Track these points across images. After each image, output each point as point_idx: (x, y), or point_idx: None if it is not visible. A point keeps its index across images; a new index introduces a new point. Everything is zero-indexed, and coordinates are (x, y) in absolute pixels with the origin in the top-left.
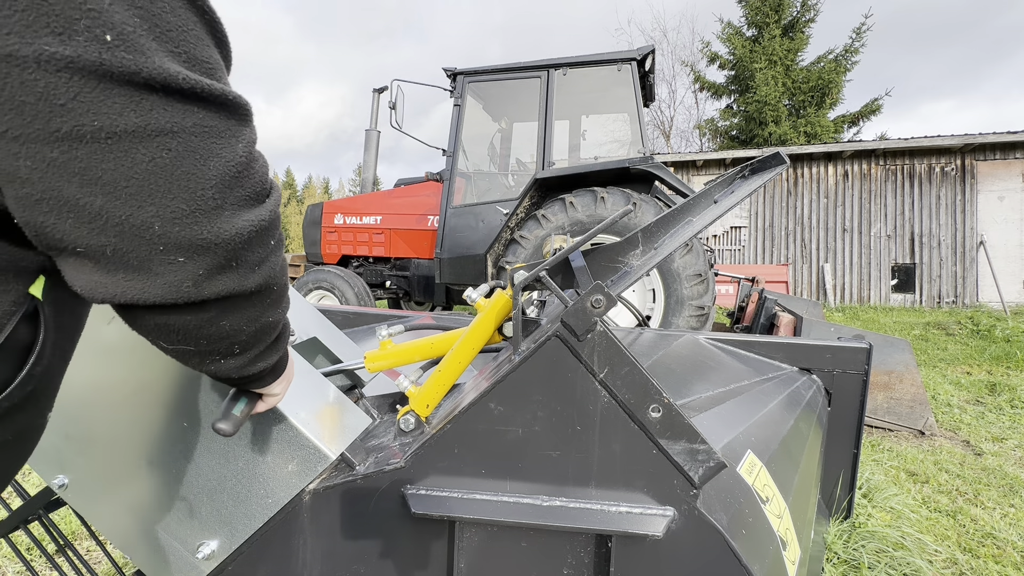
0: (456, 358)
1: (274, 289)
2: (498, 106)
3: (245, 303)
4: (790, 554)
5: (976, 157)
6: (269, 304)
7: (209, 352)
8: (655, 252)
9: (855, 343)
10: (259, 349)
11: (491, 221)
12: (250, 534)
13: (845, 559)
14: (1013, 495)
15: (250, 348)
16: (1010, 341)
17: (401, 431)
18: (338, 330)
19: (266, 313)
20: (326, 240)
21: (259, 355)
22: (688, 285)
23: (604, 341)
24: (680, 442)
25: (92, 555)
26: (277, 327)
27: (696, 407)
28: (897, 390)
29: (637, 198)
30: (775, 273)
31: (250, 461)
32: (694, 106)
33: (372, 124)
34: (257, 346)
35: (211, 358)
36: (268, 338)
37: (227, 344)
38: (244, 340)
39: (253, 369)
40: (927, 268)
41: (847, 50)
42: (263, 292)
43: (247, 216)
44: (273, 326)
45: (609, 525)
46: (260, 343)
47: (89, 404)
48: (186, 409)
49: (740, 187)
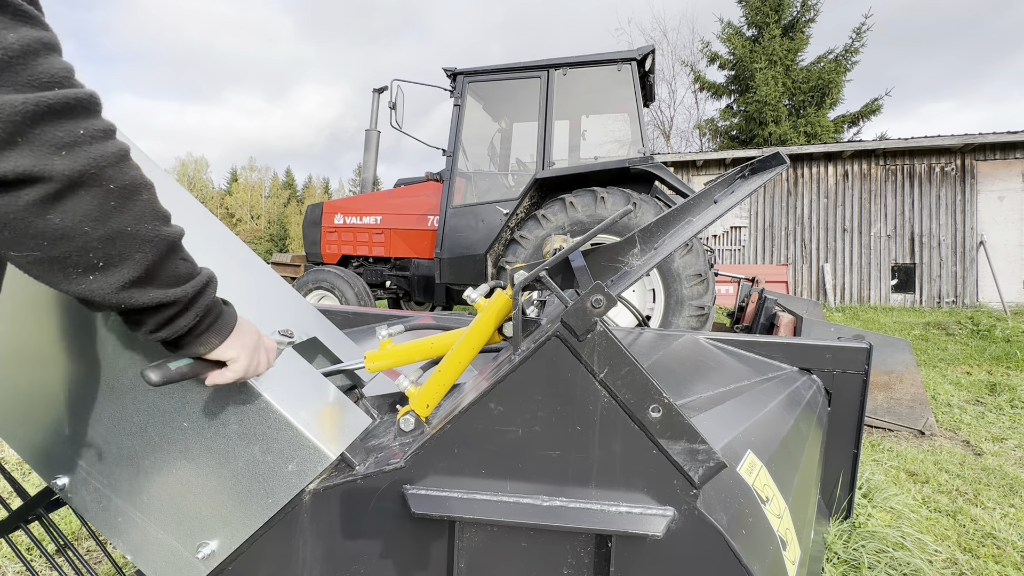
0: (456, 358)
1: (111, 187)
2: (498, 106)
3: (69, 195)
4: (790, 554)
5: (976, 157)
6: (113, 208)
7: (62, 262)
8: (655, 252)
9: (855, 343)
10: (131, 270)
11: (491, 221)
12: (250, 534)
13: (845, 559)
14: (1013, 495)
15: (115, 264)
16: (1010, 341)
17: (401, 431)
18: (338, 330)
19: (111, 217)
20: (326, 240)
21: (140, 282)
22: (688, 285)
23: (604, 341)
24: (680, 442)
25: (92, 555)
26: (148, 242)
27: (696, 407)
28: (897, 390)
29: (637, 198)
30: (775, 273)
31: (250, 461)
32: (694, 106)
33: (372, 124)
34: (124, 264)
35: (71, 272)
36: (135, 254)
37: (76, 250)
38: (97, 249)
39: (140, 299)
40: (927, 268)
41: (847, 50)
42: (88, 184)
43: (28, 95)
44: (135, 239)
45: (609, 525)
46: (126, 261)
47: (89, 404)
48: (187, 409)
49: (740, 187)
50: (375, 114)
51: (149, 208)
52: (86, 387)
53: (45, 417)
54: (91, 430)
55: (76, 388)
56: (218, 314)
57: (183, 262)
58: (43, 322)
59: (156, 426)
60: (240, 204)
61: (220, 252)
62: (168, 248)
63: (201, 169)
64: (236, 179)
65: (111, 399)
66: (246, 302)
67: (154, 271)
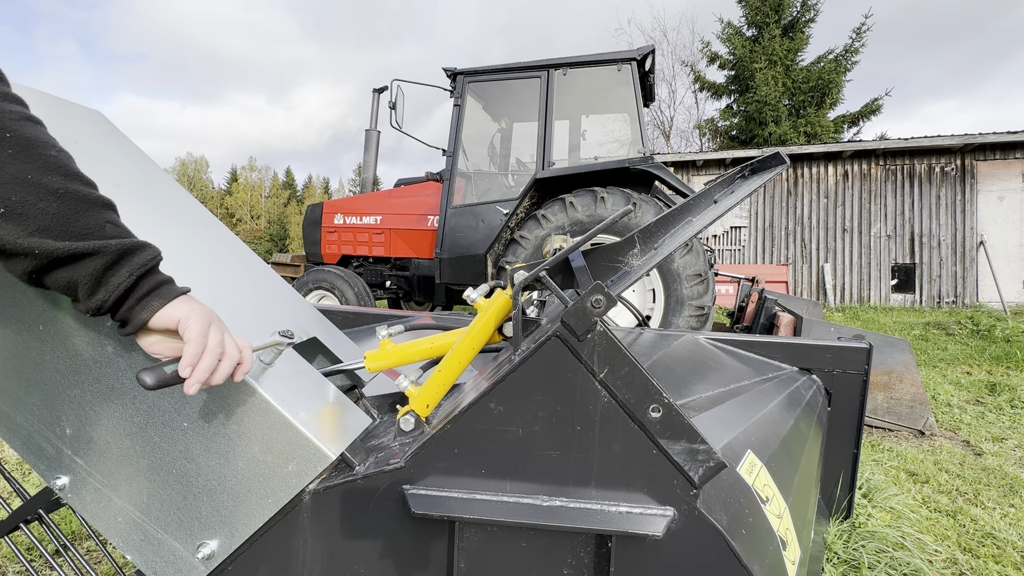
0: (456, 358)
1: (6, 136)
2: (498, 106)
3: None
4: (790, 554)
5: (976, 157)
6: (10, 155)
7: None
8: (655, 252)
9: (855, 343)
10: (37, 220)
11: (491, 221)
12: (250, 534)
13: (845, 559)
14: (1013, 495)
15: (19, 212)
16: (1010, 341)
17: (401, 431)
18: (338, 330)
19: (7, 165)
20: (326, 240)
21: (48, 231)
22: (688, 285)
23: (604, 341)
24: (680, 442)
25: (92, 555)
26: (52, 194)
27: (696, 407)
28: (897, 390)
29: (637, 198)
30: (775, 273)
31: (250, 461)
32: (694, 106)
33: (372, 124)
34: (28, 213)
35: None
36: (39, 203)
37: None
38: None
39: (52, 247)
40: (927, 268)
41: (847, 50)
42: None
43: None
44: (36, 188)
45: (609, 525)
46: (30, 210)
47: (89, 404)
48: (187, 409)
49: (740, 187)
50: (375, 114)
51: (56, 164)
52: (86, 387)
53: (45, 417)
54: (91, 430)
55: (76, 388)
56: (162, 282)
57: (111, 225)
58: (43, 323)
59: (156, 426)
60: (240, 204)
61: (220, 253)
62: (81, 204)
63: (201, 169)
64: (236, 179)
65: (111, 399)
66: (246, 302)
67: (66, 224)
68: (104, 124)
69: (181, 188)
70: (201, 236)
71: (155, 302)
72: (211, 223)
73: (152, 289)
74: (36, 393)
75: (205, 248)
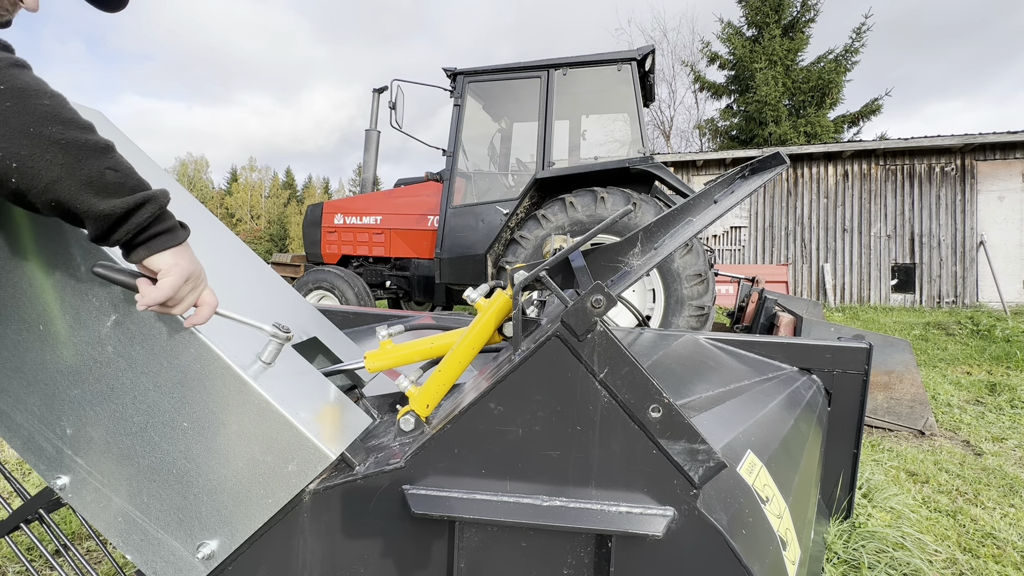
0: (456, 358)
1: (1, 88)
2: (498, 106)
3: None
4: (790, 554)
5: (976, 157)
6: (9, 108)
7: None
8: (655, 252)
9: (855, 343)
10: (52, 171)
11: (491, 221)
12: (250, 534)
13: (845, 559)
14: (1013, 495)
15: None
16: (1010, 341)
17: (401, 431)
18: (338, 330)
19: (9, 119)
20: (326, 240)
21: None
22: (688, 285)
23: (604, 341)
24: (680, 442)
25: (92, 555)
26: (55, 144)
27: (696, 407)
28: (897, 390)
29: (637, 198)
30: (775, 273)
31: (250, 461)
32: (694, 106)
33: (372, 124)
34: (46, 168)
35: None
36: (45, 155)
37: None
38: (6, 149)
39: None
40: (927, 268)
41: (847, 50)
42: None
43: None
44: (44, 139)
45: (609, 525)
46: (40, 162)
47: (89, 404)
48: (187, 409)
49: (740, 187)
50: (375, 114)
51: (52, 112)
52: (86, 387)
53: (45, 417)
54: (91, 430)
55: (76, 388)
56: (155, 234)
57: (110, 171)
58: (43, 323)
59: (156, 426)
60: (240, 204)
61: (220, 252)
62: (81, 153)
63: (201, 169)
64: (236, 179)
65: (111, 399)
66: (247, 302)
67: (73, 173)
68: (104, 124)
69: (181, 188)
70: (201, 236)
71: (143, 251)
72: (211, 223)
73: (146, 240)
74: (36, 393)
75: (205, 248)
